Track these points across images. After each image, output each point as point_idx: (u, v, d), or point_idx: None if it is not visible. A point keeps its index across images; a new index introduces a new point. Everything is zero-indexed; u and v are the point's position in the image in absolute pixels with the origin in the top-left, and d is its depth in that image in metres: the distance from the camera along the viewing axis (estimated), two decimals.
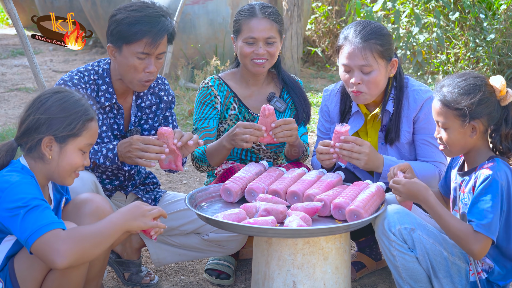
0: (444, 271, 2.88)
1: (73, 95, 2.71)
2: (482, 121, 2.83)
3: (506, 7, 7.27)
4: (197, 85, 7.23)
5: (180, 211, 3.44)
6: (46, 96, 2.68)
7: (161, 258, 3.52)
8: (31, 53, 4.67)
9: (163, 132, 3.08)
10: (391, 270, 2.97)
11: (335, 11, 8.96)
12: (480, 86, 2.82)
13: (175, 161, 3.12)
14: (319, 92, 7.59)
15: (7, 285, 2.63)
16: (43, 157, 2.66)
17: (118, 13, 3.19)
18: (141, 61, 3.14)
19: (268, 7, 3.59)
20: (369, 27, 3.26)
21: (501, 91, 2.82)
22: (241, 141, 3.28)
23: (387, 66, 3.28)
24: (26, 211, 2.50)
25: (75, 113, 2.66)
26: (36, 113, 2.64)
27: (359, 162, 3.19)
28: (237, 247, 3.47)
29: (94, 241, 2.53)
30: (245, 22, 3.53)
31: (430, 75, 7.70)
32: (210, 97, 3.59)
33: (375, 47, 3.22)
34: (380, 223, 2.92)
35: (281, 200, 3.06)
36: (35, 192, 2.56)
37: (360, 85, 3.25)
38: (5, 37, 11.73)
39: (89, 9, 9.64)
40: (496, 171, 2.77)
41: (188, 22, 7.84)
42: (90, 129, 2.70)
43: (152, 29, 3.11)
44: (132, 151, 3.07)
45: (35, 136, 2.64)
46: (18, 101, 7.47)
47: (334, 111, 3.52)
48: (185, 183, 5.06)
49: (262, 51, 3.49)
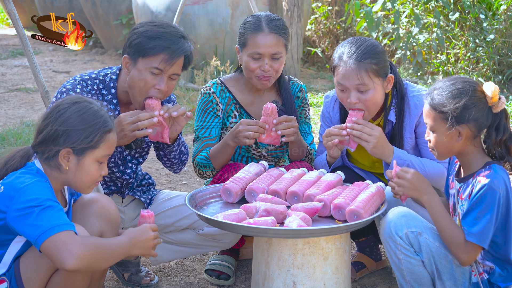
0: (449, 273, 2.88)
1: (92, 106, 2.70)
2: (468, 126, 2.80)
3: (506, 8, 7.27)
4: (197, 85, 7.22)
5: (174, 207, 3.46)
6: (65, 107, 2.67)
7: (158, 256, 3.52)
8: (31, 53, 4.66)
9: (150, 103, 3.11)
10: (394, 272, 2.96)
11: (335, 12, 8.97)
12: (467, 91, 2.80)
13: (162, 133, 3.15)
14: (319, 92, 7.59)
15: (12, 284, 2.63)
16: (60, 167, 2.67)
17: (141, 26, 3.20)
18: (153, 77, 3.13)
19: (275, 20, 3.48)
20: (363, 46, 3.22)
21: (493, 98, 2.80)
22: (244, 138, 3.30)
23: (383, 83, 3.26)
24: (41, 210, 2.50)
25: (93, 125, 2.66)
26: (54, 124, 2.63)
27: (368, 145, 3.18)
28: (233, 241, 3.47)
29: (105, 254, 2.56)
30: (251, 36, 3.44)
31: (430, 75, 7.70)
32: (211, 104, 3.57)
33: (370, 66, 3.19)
34: (387, 226, 2.90)
35: (281, 201, 3.06)
36: (48, 194, 2.56)
37: (358, 104, 3.24)
38: (5, 38, 11.73)
39: (89, 9, 9.65)
40: (493, 179, 2.76)
41: (188, 22, 7.84)
42: (108, 141, 2.70)
43: (171, 46, 3.11)
44: (125, 128, 3.07)
45: (52, 147, 2.64)
46: (18, 101, 7.47)
47: (335, 117, 3.51)
48: (185, 183, 5.06)
49: (268, 68, 3.43)
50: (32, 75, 5.49)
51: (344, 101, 3.28)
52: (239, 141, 3.34)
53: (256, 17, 3.51)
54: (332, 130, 3.25)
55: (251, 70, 3.46)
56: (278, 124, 3.33)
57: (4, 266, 2.65)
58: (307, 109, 3.70)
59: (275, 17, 3.50)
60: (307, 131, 3.67)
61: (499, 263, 2.88)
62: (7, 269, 2.65)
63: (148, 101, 3.12)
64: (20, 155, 2.68)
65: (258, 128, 3.32)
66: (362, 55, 3.19)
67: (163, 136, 3.16)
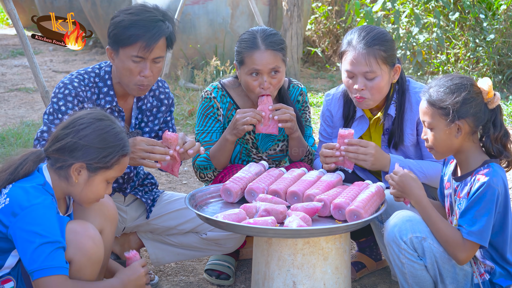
0: (451, 277, 2.88)
1: (114, 127, 2.70)
2: (467, 121, 2.81)
3: (506, 7, 7.26)
4: (197, 85, 7.22)
5: (177, 210, 3.45)
6: (89, 121, 2.67)
7: (160, 258, 3.53)
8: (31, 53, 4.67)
9: (168, 137, 3.11)
10: (397, 276, 2.95)
11: (335, 11, 8.96)
12: (466, 86, 2.81)
13: (173, 167, 3.15)
14: (319, 92, 7.58)
15: (19, 283, 2.64)
16: (69, 178, 2.67)
17: (117, 15, 3.18)
18: (136, 64, 3.13)
19: (271, 36, 3.44)
20: (373, 33, 3.24)
21: (488, 93, 2.81)
22: (242, 125, 3.32)
23: (390, 72, 3.28)
24: (41, 244, 2.50)
25: (112, 147, 2.67)
26: (74, 136, 2.63)
27: (366, 163, 3.20)
28: (235, 245, 3.47)
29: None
30: (248, 55, 3.41)
31: (430, 75, 7.70)
32: (212, 109, 3.57)
33: (378, 53, 3.21)
34: (391, 230, 2.88)
35: (281, 200, 3.06)
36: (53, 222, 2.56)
37: (364, 91, 3.24)
38: (5, 37, 11.73)
39: (89, 9, 9.65)
40: (492, 177, 2.76)
41: (188, 22, 7.84)
42: (121, 164, 2.72)
43: (146, 34, 3.10)
44: (136, 152, 3.07)
45: (68, 158, 2.64)
46: (18, 101, 7.47)
47: (337, 115, 3.51)
48: (185, 183, 5.06)
49: (267, 85, 3.40)
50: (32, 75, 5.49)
51: (350, 87, 3.28)
52: (238, 131, 3.34)
53: (251, 33, 3.46)
54: (324, 151, 3.24)
55: (251, 89, 3.44)
56: (274, 110, 3.34)
57: (9, 266, 2.65)
58: (307, 112, 3.70)
59: (270, 32, 3.46)
60: (308, 134, 3.67)
61: (498, 263, 2.88)
62: (12, 268, 2.66)
63: (166, 135, 3.11)
64: (32, 159, 2.67)
65: (254, 114, 3.33)
66: (371, 41, 3.21)
67: (173, 170, 3.16)
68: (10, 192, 2.59)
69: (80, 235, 2.62)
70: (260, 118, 3.35)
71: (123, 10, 3.19)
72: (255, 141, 3.60)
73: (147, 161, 3.10)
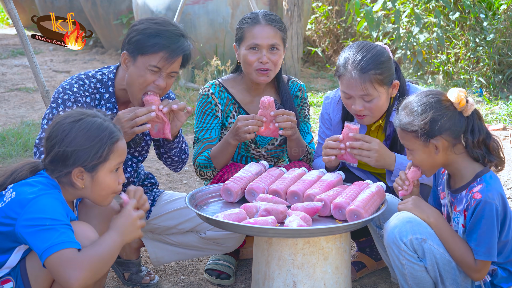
0: (451, 279, 2.88)
1: (95, 120, 2.67)
2: (443, 137, 2.80)
3: (506, 7, 7.26)
4: (197, 85, 7.22)
5: (177, 210, 3.45)
6: (69, 126, 2.64)
7: (160, 257, 3.53)
8: (31, 53, 4.67)
9: (149, 99, 3.10)
10: (397, 277, 2.95)
11: (335, 11, 8.96)
12: (431, 104, 2.79)
13: (163, 129, 3.15)
14: (319, 92, 7.58)
15: (18, 283, 2.63)
16: (75, 185, 2.66)
17: (141, 23, 3.17)
18: (152, 75, 3.12)
19: (272, 15, 3.54)
20: (368, 56, 3.19)
21: (459, 103, 2.78)
22: (244, 133, 3.32)
23: (388, 90, 3.26)
24: (49, 225, 2.50)
25: (100, 140, 2.64)
26: (61, 145, 2.61)
27: (370, 160, 3.19)
28: (235, 245, 3.47)
29: (104, 261, 2.57)
30: (248, 29, 3.48)
31: (430, 75, 7.70)
32: (211, 105, 3.57)
33: (374, 77, 3.18)
34: (391, 231, 2.88)
35: (281, 200, 3.06)
36: (59, 208, 2.56)
37: (363, 111, 3.24)
38: (5, 37, 11.73)
39: (89, 9, 9.65)
40: (486, 193, 2.75)
41: (189, 22, 7.84)
42: (117, 150, 2.68)
43: (170, 45, 3.09)
44: (124, 125, 3.05)
45: (62, 168, 2.63)
46: (18, 101, 7.47)
47: (336, 119, 3.51)
48: (185, 183, 5.06)
49: (266, 59, 3.44)
50: (32, 74, 5.49)
51: (349, 107, 3.28)
52: (240, 138, 3.35)
53: (253, 13, 3.56)
54: (329, 143, 3.24)
55: (249, 63, 3.47)
56: (276, 116, 3.34)
57: (9, 266, 2.65)
58: (306, 108, 3.70)
59: (271, 12, 3.56)
60: (306, 130, 3.67)
61: (500, 265, 2.89)
62: (12, 268, 2.66)
63: (147, 97, 3.11)
64: (28, 168, 2.66)
65: (256, 121, 3.34)
66: (366, 66, 3.17)
67: (165, 132, 3.15)
68: (15, 186, 2.60)
69: (78, 237, 2.61)
70: (262, 124, 3.35)
71: (146, 19, 3.18)
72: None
73: (137, 127, 3.07)
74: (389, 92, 3.28)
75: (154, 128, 3.14)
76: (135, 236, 2.71)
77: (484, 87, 7.28)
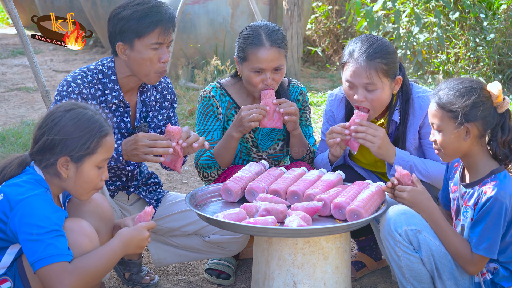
0: (449, 273, 2.88)
1: (86, 112, 2.68)
2: (476, 125, 2.81)
3: (506, 7, 7.26)
4: (197, 85, 7.22)
5: (181, 212, 3.44)
6: (59, 115, 2.65)
7: (162, 258, 3.53)
8: (31, 52, 4.67)
9: (171, 130, 3.09)
10: (394, 270, 2.96)
11: (335, 11, 8.96)
12: (476, 89, 2.82)
13: (175, 162, 3.13)
14: (319, 92, 7.58)
15: (17, 283, 2.63)
16: (59, 175, 2.66)
17: (122, 10, 3.18)
18: (155, 52, 3.15)
19: (274, 32, 3.43)
20: (375, 45, 3.22)
21: (498, 97, 2.81)
22: (248, 122, 3.32)
23: (391, 84, 3.27)
24: (39, 235, 2.50)
25: (89, 131, 2.64)
26: (50, 133, 2.62)
27: (372, 146, 3.19)
28: (238, 249, 3.47)
29: (97, 274, 2.58)
30: (252, 51, 3.39)
31: (430, 74, 7.69)
32: (212, 108, 3.56)
33: (380, 66, 3.20)
34: (386, 223, 2.90)
35: (281, 200, 3.06)
36: (50, 211, 2.55)
37: (364, 102, 3.24)
38: (5, 37, 11.73)
39: (89, 8, 9.64)
40: (499, 190, 2.76)
41: (188, 21, 7.84)
42: (105, 145, 2.68)
43: (163, 18, 3.14)
44: (139, 148, 3.07)
45: (50, 157, 2.63)
46: (18, 100, 7.47)
47: (339, 116, 3.51)
48: (185, 183, 5.06)
49: (270, 82, 3.40)
50: (32, 74, 5.49)
51: (350, 97, 3.28)
52: (244, 128, 3.34)
53: (254, 30, 3.44)
54: (335, 128, 3.26)
55: (254, 84, 3.43)
56: (279, 105, 3.35)
57: (4, 266, 2.65)
58: (307, 111, 3.70)
59: (274, 29, 3.45)
60: (308, 134, 3.67)
61: (502, 264, 2.89)
62: (8, 268, 2.65)
63: (169, 128, 3.09)
64: (17, 162, 2.67)
65: (260, 110, 3.33)
66: (373, 54, 3.20)
67: (176, 166, 3.14)
68: (2, 188, 2.59)
69: (76, 233, 2.61)
70: (265, 113, 3.35)
71: (125, 5, 3.19)
72: (255, 139, 3.60)
73: (150, 156, 3.08)
74: (392, 87, 3.28)
75: (166, 158, 3.12)
76: (138, 251, 2.74)
77: None
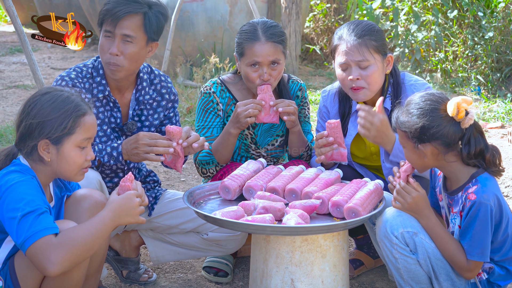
0: (445, 274, 2.88)
1: (62, 93, 2.68)
2: (432, 145, 2.78)
3: (504, 5, 7.27)
4: (195, 83, 7.21)
5: (179, 209, 3.44)
6: (35, 100, 2.66)
7: (160, 256, 3.53)
8: (29, 50, 4.66)
9: (171, 130, 3.10)
10: (392, 271, 2.97)
11: (333, 9, 8.96)
12: (427, 111, 2.77)
13: (176, 162, 3.14)
14: (317, 90, 7.58)
15: (7, 283, 2.63)
16: (43, 159, 2.65)
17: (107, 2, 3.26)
18: (106, 41, 3.19)
19: (271, 28, 3.44)
20: (361, 25, 3.32)
21: (458, 115, 2.73)
22: (245, 117, 3.32)
23: (383, 61, 3.31)
24: (22, 216, 2.49)
25: (65, 112, 2.63)
26: (27, 119, 2.62)
27: (369, 133, 3.14)
28: (236, 246, 3.47)
29: (85, 246, 2.54)
30: (248, 46, 3.41)
31: (429, 73, 7.70)
32: (212, 104, 3.56)
33: (370, 42, 3.26)
34: (382, 225, 2.90)
35: (279, 198, 3.06)
36: (33, 194, 2.55)
37: (359, 81, 3.26)
38: (3, 34, 11.71)
39: (87, 6, 9.63)
40: (481, 194, 2.74)
41: (187, 19, 7.84)
42: (84, 124, 2.67)
43: (115, 8, 3.16)
44: (140, 147, 3.08)
45: (30, 142, 2.62)
46: (16, 98, 7.47)
47: (333, 111, 3.52)
48: (183, 181, 5.06)
49: (267, 77, 3.40)
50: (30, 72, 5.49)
51: (345, 81, 3.29)
52: (241, 124, 3.35)
53: (252, 25, 3.46)
54: (319, 141, 3.23)
55: (251, 80, 3.44)
56: (277, 104, 3.36)
57: None
58: (306, 108, 3.70)
59: (271, 24, 3.46)
60: (306, 130, 3.67)
61: (497, 262, 2.89)
62: (1, 267, 2.65)
63: (169, 128, 3.10)
64: (4, 154, 2.67)
65: (255, 105, 3.34)
66: (361, 32, 3.28)
67: (176, 165, 3.15)
68: None
69: None
70: (261, 108, 3.35)
71: None
72: (254, 136, 3.60)
73: (151, 155, 3.09)
74: (384, 65, 3.32)
75: (167, 157, 3.13)
76: (131, 220, 2.66)
77: (482, 85, 7.28)
